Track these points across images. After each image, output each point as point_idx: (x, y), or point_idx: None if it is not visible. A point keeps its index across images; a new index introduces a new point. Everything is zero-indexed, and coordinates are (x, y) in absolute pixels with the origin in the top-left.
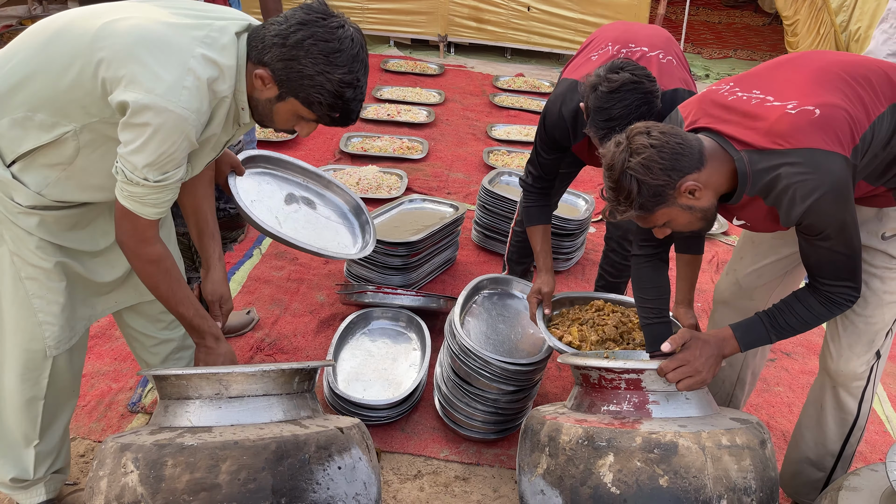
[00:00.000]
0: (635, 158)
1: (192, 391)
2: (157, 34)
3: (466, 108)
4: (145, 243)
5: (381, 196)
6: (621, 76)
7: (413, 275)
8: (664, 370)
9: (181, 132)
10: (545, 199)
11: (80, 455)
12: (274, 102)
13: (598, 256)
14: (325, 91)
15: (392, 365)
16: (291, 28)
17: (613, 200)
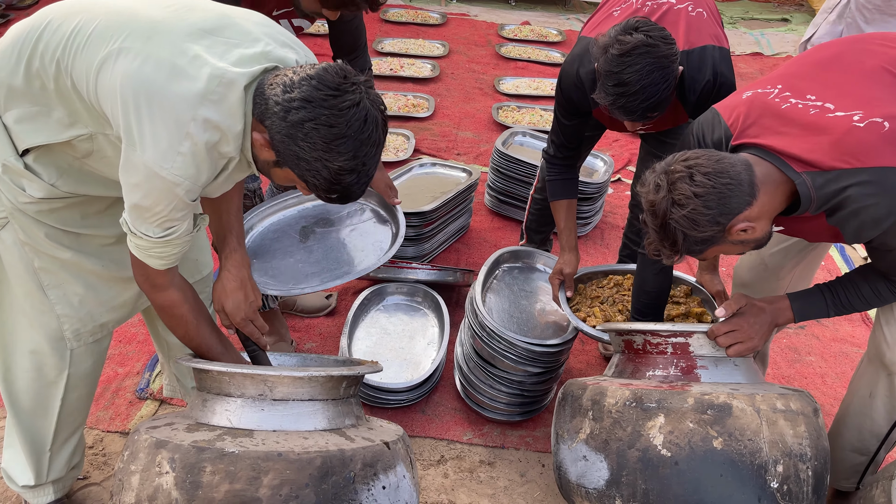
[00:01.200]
0: (678, 211)
1: (234, 388)
2: (157, 87)
3: (472, 61)
4: (157, 290)
5: (387, 159)
6: (634, 38)
7: (426, 245)
8: (715, 333)
9: (172, 196)
10: (570, 172)
11: (88, 447)
12: (272, 166)
13: (618, 219)
14: (322, 177)
15: (409, 343)
16: (295, 103)
17: (657, 244)
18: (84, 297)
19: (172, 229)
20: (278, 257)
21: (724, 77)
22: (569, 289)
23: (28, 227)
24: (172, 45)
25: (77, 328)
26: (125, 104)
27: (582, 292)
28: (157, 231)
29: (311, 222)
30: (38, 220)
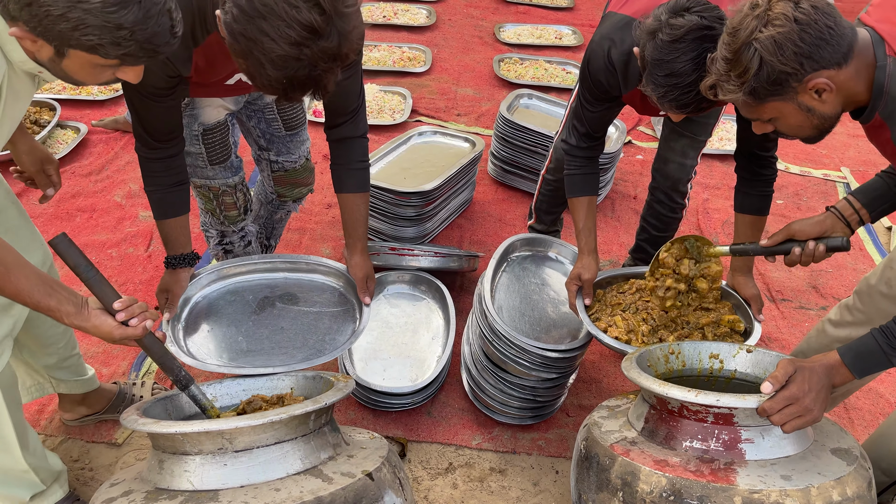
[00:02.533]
0: (768, 31)
1: (189, 446)
2: None
3: (470, 4)
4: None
5: (383, 122)
6: (687, 20)
7: (427, 224)
8: (768, 412)
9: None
10: (591, 165)
11: (73, 460)
12: (59, 61)
13: (629, 187)
14: (94, 28)
15: (413, 338)
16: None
17: (723, 74)
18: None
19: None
20: (223, 324)
21: None
22: (587, 296)
23: None
24: None
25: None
26: None
27: (601, 298)
28: None
29: (276, 294)
30: None
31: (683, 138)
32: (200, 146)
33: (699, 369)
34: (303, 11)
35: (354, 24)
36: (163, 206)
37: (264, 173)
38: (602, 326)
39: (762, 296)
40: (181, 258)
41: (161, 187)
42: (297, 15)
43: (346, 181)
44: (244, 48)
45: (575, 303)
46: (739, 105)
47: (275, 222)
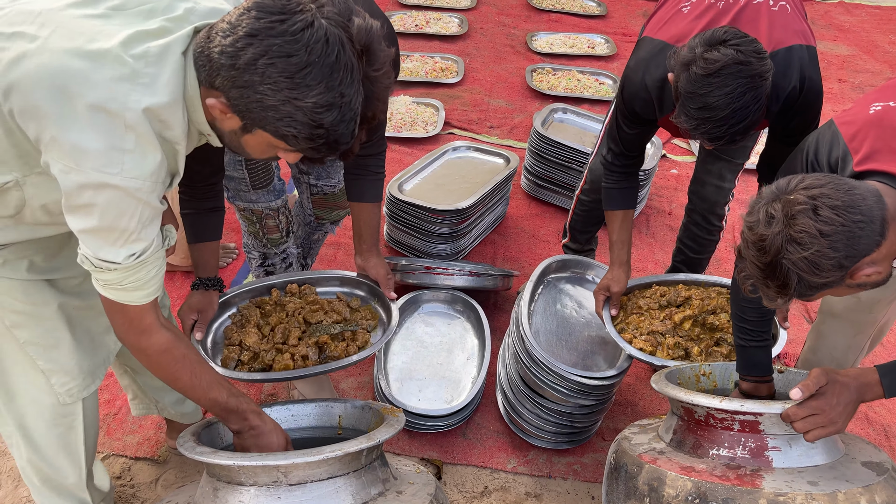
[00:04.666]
0: (798, 252)
1: (245, 477)
2: (79, 79)
3: (502, 13)
4: (145, 335)
5: (416, 135)
6: (723, 54)
7: (461, 241)
8: (792, 418)
9: (135, 204)
10: (628, 180)
11: (116, 477)
12: (240, 135)
13: (664, 202)
14: (298, 123)
15: (447, 358)
16: (240, 42)
17: (761, 282)
18: (69, 345)
19: (141, 247)
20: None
21: (811, 82)
22: (614, 307)
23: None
24: (79, 29)
25: (68, 383)
26: (43, 112)
27: (624, 306)
28: (124, 254)
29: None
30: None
31: (720, 161)
32: (244, 171)
33: (731, 389)
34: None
35: (383, 86)
36: (197, 230)
37: (303, 196)
38: (627, 338)
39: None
40: (214, 281)
41: (197, 211)
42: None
43: (362, 192)
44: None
45: (601, 312)
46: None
47: (312, 242)
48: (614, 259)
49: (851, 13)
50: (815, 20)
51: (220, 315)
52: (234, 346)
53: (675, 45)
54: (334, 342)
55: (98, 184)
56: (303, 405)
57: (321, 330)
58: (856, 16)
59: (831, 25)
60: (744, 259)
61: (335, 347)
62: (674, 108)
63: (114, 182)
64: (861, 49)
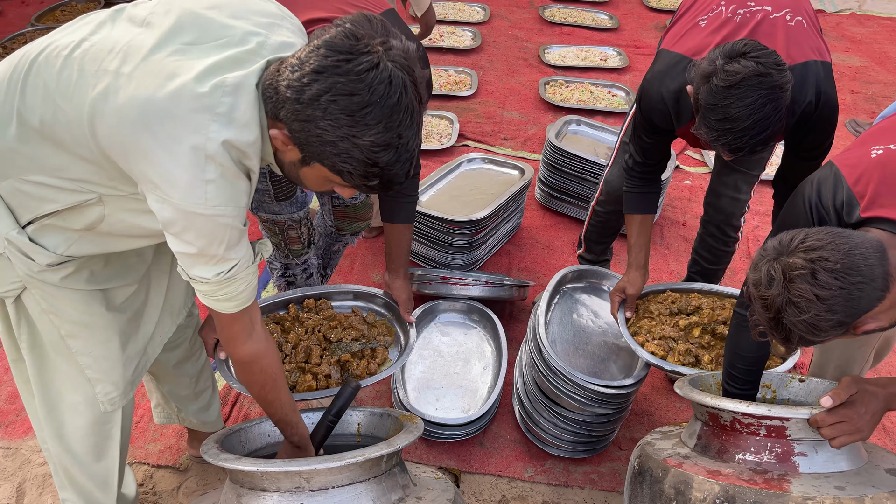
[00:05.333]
0: (796, 315)
1: (268, 484)
2: (157, 117)
3: (514, 26)
4: (234, 342)
5: (431, 147)
6: (743, 66)
7: (477, 252)
8: (819, 424)
9: (222, 229)
10: (648, 185)
11: (139, 484)
12: (299, 166)
13: (677, 213)
14: (355, 160)
15: (464, 368)
16: (306, 78)
17: (768, 331)
18: (117, 356)
19: (229, 266)
20: None
21: (826, 97)
22: (629, 309)
23: (47, 294)
24: (159, 66)
25: (111, 392)
26: (130, 148)
27: (637, 309)
28: (213, 272)
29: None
30: (58, 286)
31: (736, 173)
32: (268, 183)
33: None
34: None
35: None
36: None
37: (325, 207)
38: (640, 341)
39: None
40: None
41: None
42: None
43: (395, 213)
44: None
45: (616, 313)
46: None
47: (332, 253)
48: (631, 262)
49: (863, 24)
50: (827, 32)
51: None
52: None
53: (691, 57)
54: (355, 360)
55: (186, 213)
56: (322, 413)
57: (342, 348)
58: (868, 27)
59: (843, 37)
60: (752, 307)
61: (357, 366)
62: (691, 119)
63: (199, 211)
64: (873, 60)
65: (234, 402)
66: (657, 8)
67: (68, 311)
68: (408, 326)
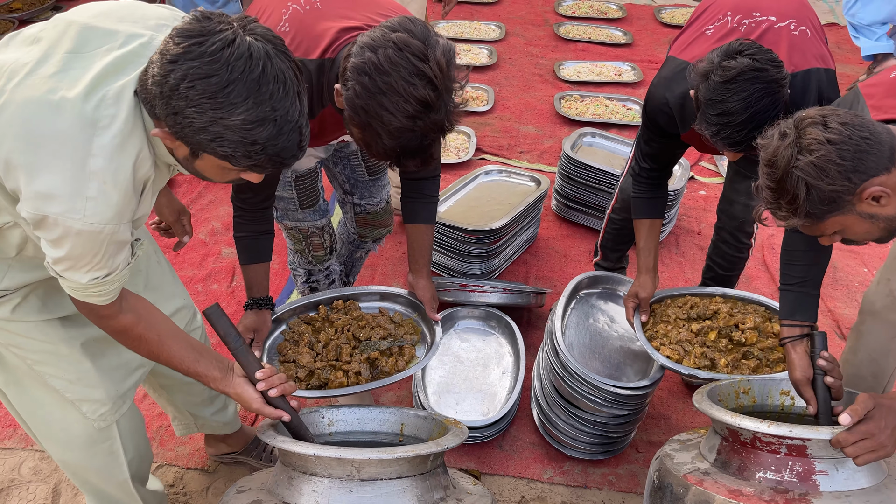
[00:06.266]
0: (806, 157)
1: (320, 469)
2: (37, 132)
3: (529, 43)
4: (105, 319)
5: (449, 160)
6: (739, 63)
7: (494, 261)
8: (842, 444)
9: (99, 244)
10: (655, 191)
11: (169, 485)
12: (192, 160)
13: (692, 223)
14: (230, 142)
15: (483, 372)
16: (165, 69)
17: (772, 203)
18: (93, 375)
19: (105, 272)
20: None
21: (829, 103)
22: (644, 313)
23: (1, 329)
24: (42, 82)
25: (99, 409)
26: (12, 164)
27: (654, 313)
28: (88, 278)
29: None
30: (10, 319)
31: (748, 180)
32: (293, 191)
33: (770, 406)
34: (419, 88)
35: (459, 99)
36: (249, 252)
37: (347, 215)
38: (656, 345)
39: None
40: (266, 300)
41: (250, 234)
42: (413, 91)
43: (417, 213)
44: (363, 120)
45: (631, 319)
46: (801, 228)
47: (354, 260)
48: (641, 266)
49: None
50: (839, 44)
51: (271, 331)
52: (290, 364)
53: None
54: (384, 357)
55: (64, 226)
56: (368, 410)
57: (371, 346)
58: None
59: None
60: (758, 194)
61: (385, 363)
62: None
63: (77, 227)
64: None
65: None
66: (671, 24)
67: (27, 342)
68: (433, 325)
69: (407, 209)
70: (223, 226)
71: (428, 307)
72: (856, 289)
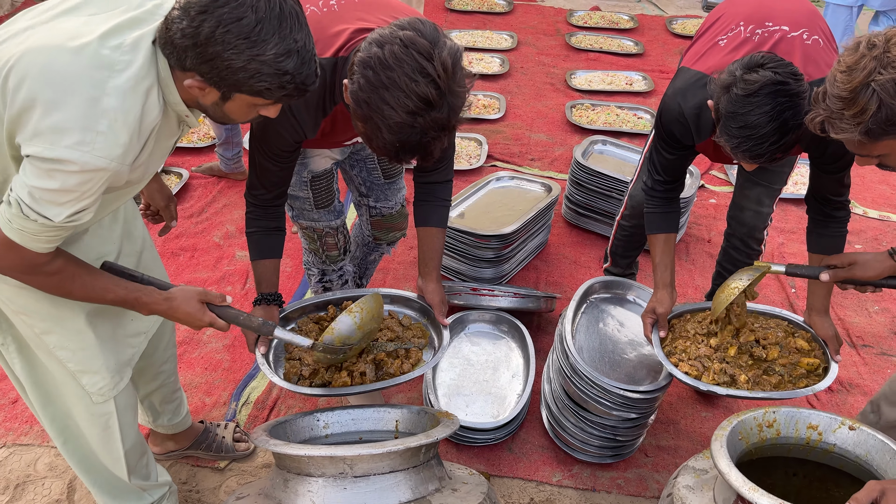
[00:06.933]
0: (888, 73)
1: (313, 469)
2: (56, 70)
3: (541, 52)
4: (35, 272)
5: (461, 167)
6: (761, 76)
7: (505, 266)
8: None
9: (99, 180)
10: (669, 205)
11: (182, 482)
12: (221, 104)
13: (703, 231)
14: (266, 75)
15: (493, 375)
16: (195, 21)
17: (835, 113)
18: (92, 347)
19: (81, 214)
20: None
21: None
22: (662, 328)
23: (13, 294)
24: (63, 27)
25: (96, 382)
26: (30, 103)
27: (673, 328)
28: (65, 213)
29: None
30: (19, 286)
31: (758, 187)
32: (308, 191)
33: (794, 439)
34: (421, 85)
35: (463, 101)
36: (261, 248)
37: (363, 218)
38: (675, 361)
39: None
40: (274, 296)
41: (262, 230)
42: (415, 88)
43: (429, 216)
44: (365, 113)
45: (650, 335)
46: (849, 143)
47: (368, 263)
48: (658, 282)
49: None
50: None
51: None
52: (295, 361)
53: (711, 76)
54: (390, 359)
55: (67, 161)
56: (362, 410)
57: (377, 347)
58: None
59: None
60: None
61: (391, 365)
62: (711, 134)
63: (83, 159)
64: None
65: (272, 407)
66: (682, 34)
67: (37, 308)
68: (441, 329)
69: (419, 212)
70: (237, 229)
71: (437, 311)
72: (865, 298)
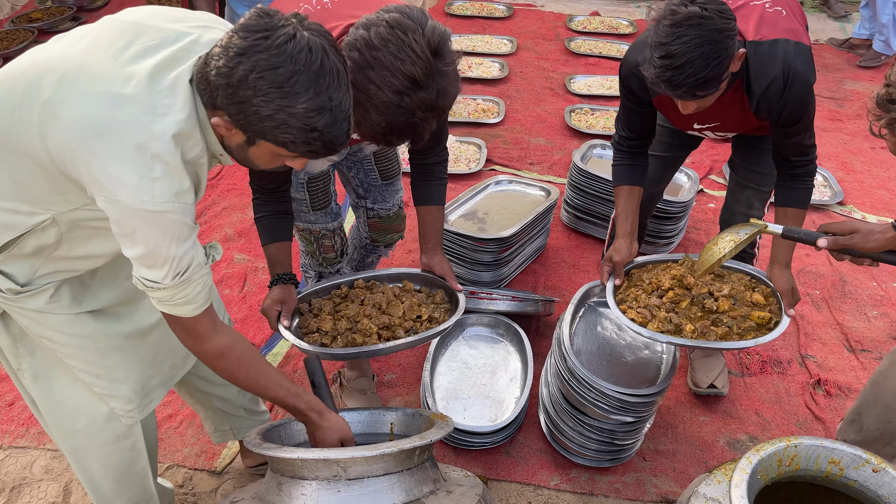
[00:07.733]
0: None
1: (307, 472)
2: (104, 123)
3: (541, 57)
4: (201, 341)
5: (459, 171)
6: (688, 9)
7: (504, 269)
8: None
9: (171, 225)
10: (635, 159)
11: (178, 485)
12: (246, 148)
13: (702, 235)
14: (292, 128)
15: (491, 379)
16: (232, 61)
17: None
18: (121, 371)
19: (184, 265)
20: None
21: (797, 73)
22: (618, 277)
23: (34, 320)
24: (101, 75)
25: (123, 405)
26: (81, 155)
27: (631, 278)
28: (164, 274)
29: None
30: (43, 311)
31: (748, 190)
32: (305, 193)
33: (814, 471)
34: (406, 64)
35: (451, 81)
36: (270, 231)
37: (360, 219)
38: (623, 308)
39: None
40: (290, 276)
41: (270, 213)
42: (401, 66)
43: (429, 195)
44: (353, 95)
45: (605, 282)
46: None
47: (366, 265)
48: (618, 231)
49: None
50: (850, 59)
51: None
52: (313, 335)
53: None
54: (417, 323)
55: (135, 212)
56: (357, 413)
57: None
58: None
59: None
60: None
61: (420, 327)
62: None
63: (148, 208)
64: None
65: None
66: None
67: (57, 334)
68: (456, 295)
69: (418, 191)
70: (236, 232)
71: (450, 278)
72: (864, 302)
